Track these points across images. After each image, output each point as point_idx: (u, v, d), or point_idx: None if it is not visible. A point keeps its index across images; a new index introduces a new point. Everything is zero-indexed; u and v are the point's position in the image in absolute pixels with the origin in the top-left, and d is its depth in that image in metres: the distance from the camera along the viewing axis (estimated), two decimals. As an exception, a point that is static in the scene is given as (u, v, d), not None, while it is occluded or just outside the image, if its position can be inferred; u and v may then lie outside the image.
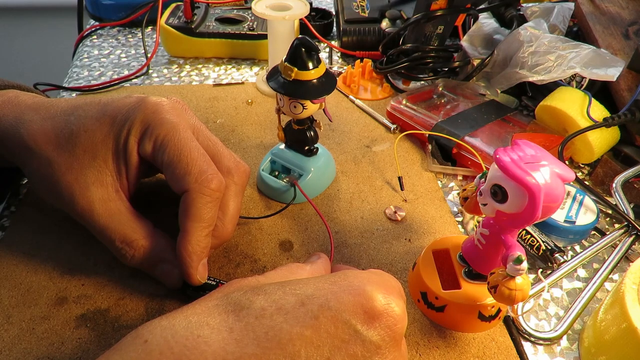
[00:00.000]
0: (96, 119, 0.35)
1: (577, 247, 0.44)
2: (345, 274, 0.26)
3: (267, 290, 0.25)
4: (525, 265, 0.29)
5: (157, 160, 0.35)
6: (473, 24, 0.65)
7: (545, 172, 0.28)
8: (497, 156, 0.29)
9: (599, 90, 0.54)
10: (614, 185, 0.46)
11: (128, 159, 0.35)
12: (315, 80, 0.39)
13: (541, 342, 0.36)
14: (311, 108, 0.41)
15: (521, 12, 0.64)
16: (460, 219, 0.46)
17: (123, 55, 0.69)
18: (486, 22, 0.65)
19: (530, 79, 0.53)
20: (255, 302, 0.24)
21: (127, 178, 0.36)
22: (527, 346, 0.36)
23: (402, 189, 0.48)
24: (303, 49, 0.38)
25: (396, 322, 0.24)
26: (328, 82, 0.40)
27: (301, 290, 0.25)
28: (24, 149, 0.35)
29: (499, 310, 0.35)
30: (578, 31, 0.62)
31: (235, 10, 0.72)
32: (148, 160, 0.36)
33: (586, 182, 0.49)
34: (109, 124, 0.35)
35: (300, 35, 0.39)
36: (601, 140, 0.50)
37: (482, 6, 0.63)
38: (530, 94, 0.61)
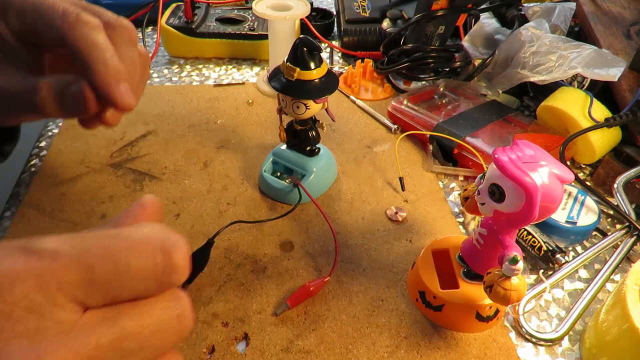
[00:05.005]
0: None
1: (579, 248, 0.44)
2: None
3: None
4: (521, 265, 0.29)
5: (27, 27, 0.34)
6: (474, 24, 0.65)
7: (543, 173, 0.28)
8: (496, 155, 0.29)
9: (601, 91, 0.53)
10: (615, 185, 0.46)
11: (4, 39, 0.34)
12: (317, 80, 0.39)
13: (542, 343, 0.36)
14: (314, 108, 0.41)
15: (522, 12, 0.63)
16: (461, 219, 0.46)
17: (124, 55, 0.69)
18: (487, 22, 0.65)
19: (532, 79, 0.53)
20: None
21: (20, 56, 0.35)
22: (528, 347, 0.36)
23: (403, 190, 0.48)
24: (305, 49, 0.38)
25: None
26: (330, 82, 0.40)
27: None
28: None
29: (498, 311, 0.35)
30: (579, 31, 0.62)
31: (235, 10, 0.72)
32: (26, 35, 0.34)
33: (587, 183, 0.49)
34: None
35: (301, 35, 0.39)
36: (603, 141, 0.50)
37: (484, 6, 0.63)
38: (532, 94, 0.61)
